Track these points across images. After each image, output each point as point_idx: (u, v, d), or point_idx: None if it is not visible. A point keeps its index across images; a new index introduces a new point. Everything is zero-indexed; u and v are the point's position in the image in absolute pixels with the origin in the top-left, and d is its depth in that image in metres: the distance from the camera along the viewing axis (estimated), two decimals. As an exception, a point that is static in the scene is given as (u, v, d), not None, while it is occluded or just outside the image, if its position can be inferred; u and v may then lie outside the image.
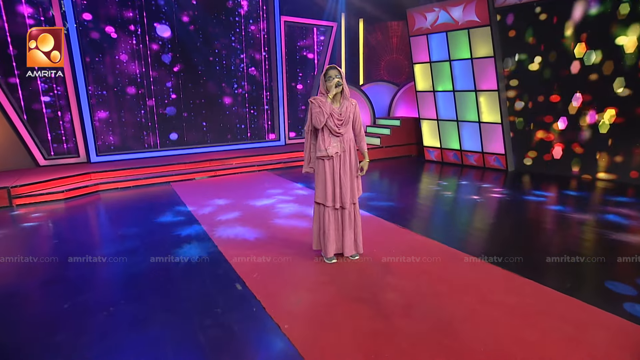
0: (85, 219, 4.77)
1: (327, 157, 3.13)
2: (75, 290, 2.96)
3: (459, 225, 4.35)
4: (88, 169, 6.24)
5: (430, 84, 7.74)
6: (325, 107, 3.01)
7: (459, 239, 3.85)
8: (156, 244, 3.81)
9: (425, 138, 8.15)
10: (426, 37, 7.56)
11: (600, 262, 3.32)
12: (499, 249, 3.64)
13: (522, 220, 4.43)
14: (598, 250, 3.58)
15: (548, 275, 3.09)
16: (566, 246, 3.66)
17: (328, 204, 3.20)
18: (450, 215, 4.71)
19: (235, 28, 8.02)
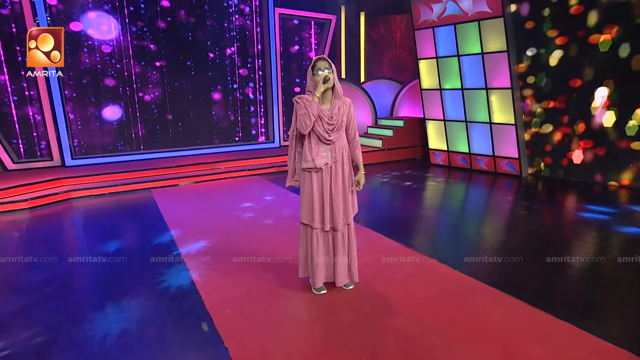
0: (40, 235, 4.26)
1: (315, 169, 2.60)
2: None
3: (476, 246, 3.81)
4: (60, 173, 5.73)
5: (437, 81, 7.19)
6: (312, 108, 2.47)
7: (478, 266, 3.31)
8: (111, 264, 3.30)
9: (431, 140, 7.60)
10: (432, 30, 7.01)
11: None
12: (539, 284, 3.09)
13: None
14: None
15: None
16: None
17: (316, 226, 2.67)
18: (464, 231, 4.16)
19: (225, 21, 7.49)
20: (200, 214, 4.66)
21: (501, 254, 3.53)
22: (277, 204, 5.01)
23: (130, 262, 3.40)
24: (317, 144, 2.60)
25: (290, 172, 2.76)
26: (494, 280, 2.94)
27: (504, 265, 3.26)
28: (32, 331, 2.41)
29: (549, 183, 6.02)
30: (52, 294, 2.87)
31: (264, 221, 4.38)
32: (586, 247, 3.63)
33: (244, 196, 5.43)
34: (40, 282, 3.04)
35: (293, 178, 2.77)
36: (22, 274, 3.23)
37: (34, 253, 3.62)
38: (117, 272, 3.20)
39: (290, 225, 4.21)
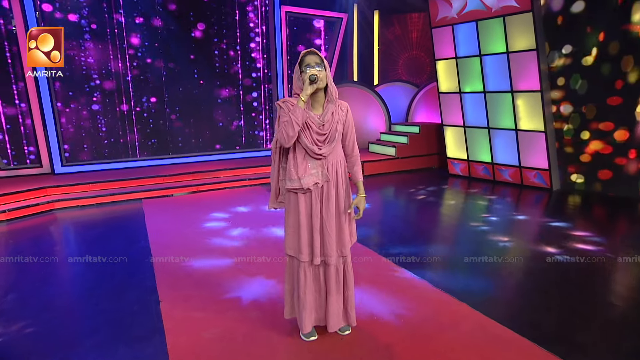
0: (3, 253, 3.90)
1: (302, 189, 2.12)
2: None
3: (505, 281, 3.25)
4: (46, 182, 5.43)
5: (456, 83, 6.64)
6: (296, 115, 2.00)
7: (508, 308, 2.76)
8: (68, 294, 2.89)
9: (450, 148, 7.03)
10: (451, 28, 6.47)
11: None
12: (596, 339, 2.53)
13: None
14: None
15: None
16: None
17: (303, 259, 2.19)
18: (489, 260, 3.60)
19: (228, 19, 7.14)
20: (188, 230, 4.24)
21: (540, 296, 2.96)
22: (276, 221, 4.54)
23: (92, 289, 2.99)
24: (304, 158, 2.13)
25: (274, 192, 2.29)
26: (529, 331, 2.39)
27: (541, 310, 2.70)
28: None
29: (585, 198, 5.37)
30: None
31: (256, 243, 3.92)
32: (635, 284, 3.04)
33: (240, 210, 5.00)
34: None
35: (277, 199, 2.30)
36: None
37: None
38: (74, 301, 2.79)
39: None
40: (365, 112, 8.47)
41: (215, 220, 4.57)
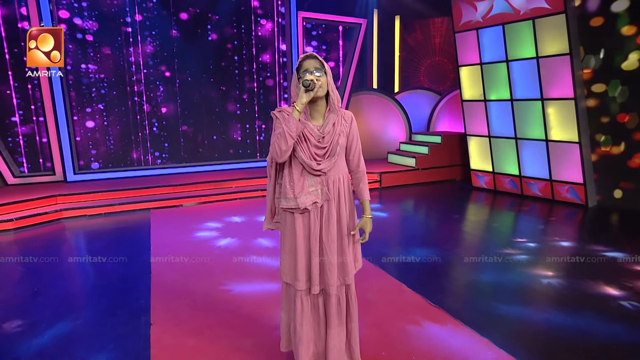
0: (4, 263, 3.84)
1: (299, 209, 1.90)
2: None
3: (543, 317, 2.90)
4: (56, 190, 5.42)
5: (481, 91, 6.30)
6: (290, 126, 1.79)
7: (549, 352, 2.43)
8: (58, 312, 2.75)
9: (473, 159, 6.66)
10: (476, 32, 6.16)
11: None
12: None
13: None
14: None
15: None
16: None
17: (300, 287, 1.96)
18: (522, 289, 3.25)
19: (243, 26, 7.06)
20: (191, 247, 4.08)
21: (590, 339, 2.61)
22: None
23: (81, 308, 2.84)
24: (301, 174, 1.90)
25: (269, 211, 2.07)
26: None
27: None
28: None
29: (627, 217, 4.91)
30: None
31: (262, 261, 3.72)
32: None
33: (249, 223, 4.82)
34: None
35: (273, 219, 2.09)
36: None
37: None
38: (60, 319, 2.64)
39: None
40: (385, 120, 8.20)
41: (221, 238, 4.40)
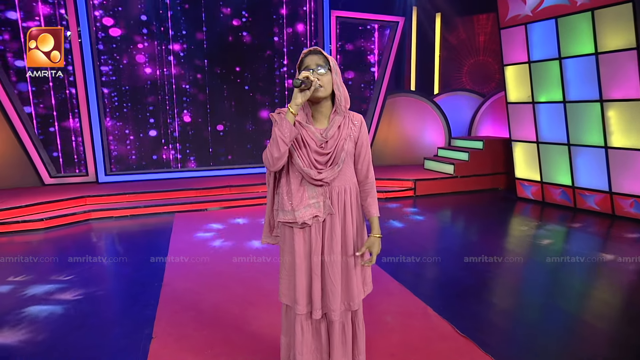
0: (23, 263, 3.92)
1: (298, 224, 1.69)
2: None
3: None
4: (88, 191, 5.58)
5: (529, 92, 5.78)
6: (283, 129, 1.57)
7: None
8: (62, 316, 2.70)
9: (519, 167, 6.13)
10: (524, 27, 5.67)
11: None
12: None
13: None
14: None
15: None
16: None
17: (300, 310, 1.75)
18: (564, 316, 2.85)
19: (275, 27, 6.99)
20: (208, 255, 3.99)
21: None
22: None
23: (86, 316, 2.79)
24: (301, 184, 1.69)
25: (267, 223, 1.87)
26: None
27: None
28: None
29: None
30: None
31: (269, 277, 3.53)
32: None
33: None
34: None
35: (272, 233, 1.89)
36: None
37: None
38: (61, 327, 2.59)
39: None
40: (422, 124, 7.81)
41: (239, 247, 4.28)
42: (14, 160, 5.81)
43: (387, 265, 3.56)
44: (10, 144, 5.74)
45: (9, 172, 5.82)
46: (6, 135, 5.70)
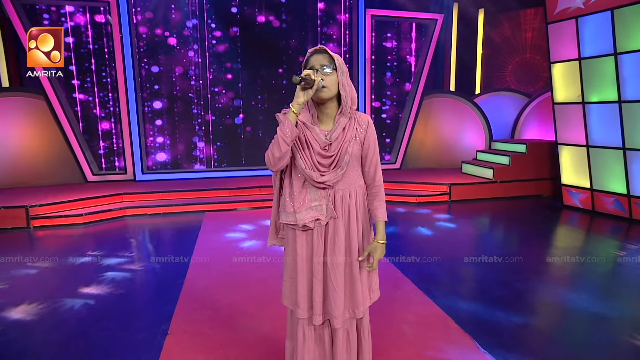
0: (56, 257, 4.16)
1: (299, 226, 1.67)
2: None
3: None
4: (124, 189, 5.87)
5: (578, 91, 5.40)
6: (285, 129, 1.55)
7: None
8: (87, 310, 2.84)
9: (566, 172, 5.74)
10: (575, 21, 5.31)
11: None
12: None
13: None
14: None
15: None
16: None
17: (301, 315, 1.73)
18: (603, 343, 2.61)
19: (309, 25, 7.03)
20: (233, 254, 4.07)
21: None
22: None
23: (108, 310, 2.92)
24: (303, 186, 1.67)
25: (273, 224, 1.86)
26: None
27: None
28: None
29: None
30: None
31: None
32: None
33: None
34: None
35: (278, 234, 1.88)
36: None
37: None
38: (83, 321, 2.73)
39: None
40: (460, 126, 7.53)
41: (264, 247, 4.32)
42: (61, 158, 6.25)
43: (412, 272, 3.45)
44: (58, 143, 6.18)
45: (57, 169, 6.26)
46: (55, 136, 6.15)
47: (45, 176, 6.19)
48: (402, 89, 7.65)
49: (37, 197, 5.23)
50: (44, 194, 5.44)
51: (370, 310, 2.72)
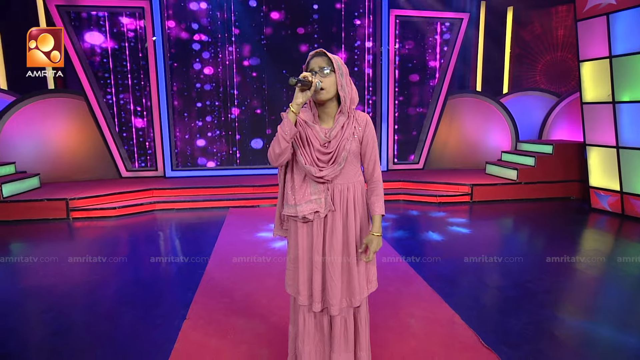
0: (83, 246, 4.47)
1: (300, 218, 1.79)
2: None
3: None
4: (154, 184, 6.21)
5: (608, 91, 5.23)
6: (284, 128, 1.66)
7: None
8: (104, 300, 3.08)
9: (594, 174, 5.56)
10: (606, 18, 5.15)
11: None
12: None
13: None
14: None
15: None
16: None
17: (301, 302, 1.84)
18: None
19: (333, 28, 7.14)
20: (252, 247, 4.24)
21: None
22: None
23: (133, 295, 3.14)
24: (304, 181, 1.78)
25: (278, 216, 1.99)
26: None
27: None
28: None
29: None
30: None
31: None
32: None
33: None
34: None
35: (282, 226, 2.00)
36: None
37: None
38: (110, 304, 2.97)
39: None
40: (485, 127, 7.42)
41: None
42: (98, 155, 6.68)
43: (424, 270, 3.49)
44: (96, 141, 6.61)
45: (94, 165, 6.70)
46: (93, 134, 6.58)
47: (83, 172, 6.64)
48: (426, 90, 7.62)
49: (76, 191, 5.63)
50: (82, 188, 5.84)
51: (377, 304, 2.83)
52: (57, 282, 3.36)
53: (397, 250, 4.03)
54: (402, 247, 4.13)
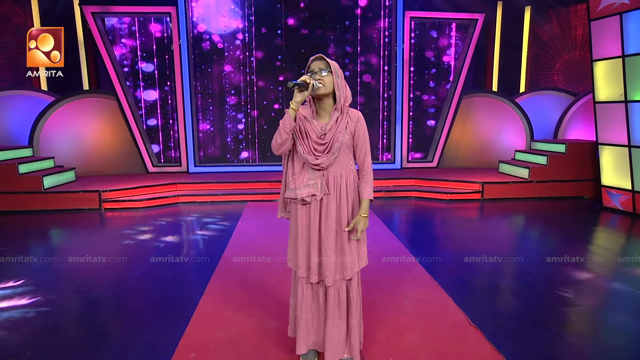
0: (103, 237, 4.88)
1: (298, 200, 2.08)
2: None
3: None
4: (179, 179, 6.63)
5: (621, 90, 5.27)
6: (285, 122, 1.96)
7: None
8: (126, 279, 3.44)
9: (606, 173, 5.60)
10: (619, 17, 5.20)
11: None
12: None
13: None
14: None
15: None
16: None
17: (300, 274, 2.13)
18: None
19: (350, 28, 7.40)
20: (267, 235, 4.56)
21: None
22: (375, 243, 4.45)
23: (161, 276, 3.50)
24: (303, 167, 2.07)
25: (282, 200, 2.27)
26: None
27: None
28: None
29: None
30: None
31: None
32: None
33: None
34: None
35: (285, 208, 2.29)
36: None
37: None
38: (142, 282, 3.33)
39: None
40: (500, 126, 7.51)
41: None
42: (127, 151, 7.18)
43: (426, 260, 3.71)
44: (126, 139, 7.11)
45: (124, 161, 7.20)
46: (123, 132, 7.08)
47: (114, 166, 7.15)
48: (441, 89, 7.77)
49: (107, 184, 6.11)
50: (113, 182, 6.33)
51: (377, 287, 3.08)
52: (90, 262, 3.78)
53: (402, 241, 4.26)
54: (408, 240, 4.36)
